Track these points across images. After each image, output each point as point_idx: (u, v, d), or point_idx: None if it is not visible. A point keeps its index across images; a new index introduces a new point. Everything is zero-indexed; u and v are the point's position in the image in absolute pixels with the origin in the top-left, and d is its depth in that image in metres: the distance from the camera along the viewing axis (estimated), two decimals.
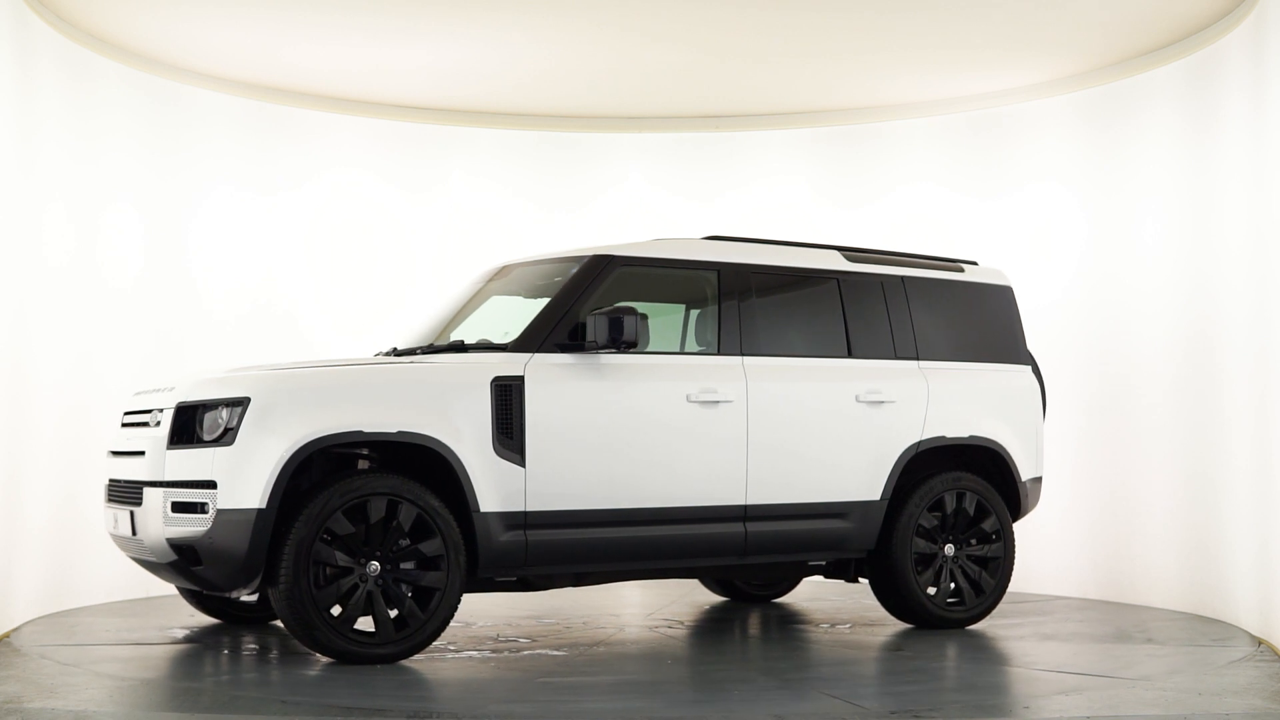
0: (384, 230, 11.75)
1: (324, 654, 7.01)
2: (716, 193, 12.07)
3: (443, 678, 6.89)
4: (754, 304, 8.13)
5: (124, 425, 7.60)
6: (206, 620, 8.73)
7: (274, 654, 7.46)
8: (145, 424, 7.32)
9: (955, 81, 10.92)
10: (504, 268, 8.51)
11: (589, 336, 7.43)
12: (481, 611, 9.19)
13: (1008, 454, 8.81)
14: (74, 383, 9.52)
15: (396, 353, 8.05)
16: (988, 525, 8.67)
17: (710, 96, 11.42)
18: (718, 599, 10.10)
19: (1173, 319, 9.84)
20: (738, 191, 12.05)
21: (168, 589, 9.91)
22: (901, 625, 8.68)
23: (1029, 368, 9.11)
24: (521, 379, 7.32)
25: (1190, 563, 9.64)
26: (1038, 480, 9.07)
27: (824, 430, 8.16)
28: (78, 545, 9.49)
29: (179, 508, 6.94)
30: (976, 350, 8.90)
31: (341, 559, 6.94)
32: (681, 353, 8.15)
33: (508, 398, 7.27)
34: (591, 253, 7.93)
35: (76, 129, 9.60)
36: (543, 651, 7.67)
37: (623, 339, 7.38)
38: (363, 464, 7.38)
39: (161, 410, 7.20)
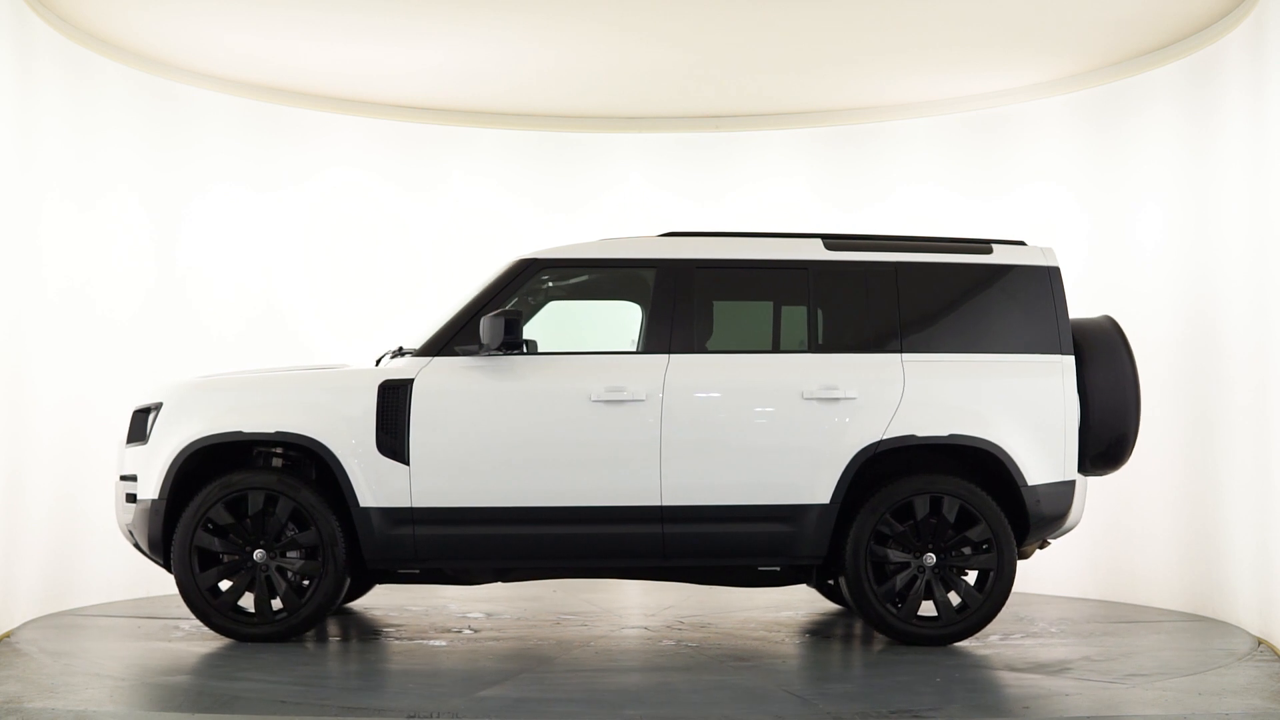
0: (385, 232, 11.75)
1: (210, 628, 7.81)
2: (717, 193, 12.07)
3: (443, 677, 6.90)
4: (696, 300, 7.98)
5: None
6: None
7: (274, 654, 7.47)
8: None
9: (955, 81, 10.92)
10: None
11: (481, 340, 7.73)
12: (497, 602, 9.19)
13: (1007, 455, 7.87)
14: (74, 380, 9.52)
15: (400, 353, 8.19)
16: (974, 534, 7.86)
17: (710, 97, 11.42)
18: (829, 606, 9.70)
19: (1173, 318, 9.84)
20: (738, 192, 12.04)
21: (168, 588, 9.92)
22: None
23: (1066, 358, 8.05)
24: (410, 382, 7.76)
25: (1190, 563, 9.64)
26: (1063, 485, 7.98)
27: (757, 429, 7.81)
28: (78, 545, 9.49)
29: (128, 498, 7.98)
30: (991, 340, 8.06)
31: (221, 546, 7.74)
32: (595, 353, 8.05)
33: (393, 400, 7.74)
34: (516, 257, 8.14)
35: (76, 126, 9.60)
36: (526, 645, 7.69)
37: (503, 341, 7.65)
38: (277, 461, 8.04)
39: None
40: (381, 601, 9.68)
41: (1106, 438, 8.14)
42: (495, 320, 7.65)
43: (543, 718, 5.99)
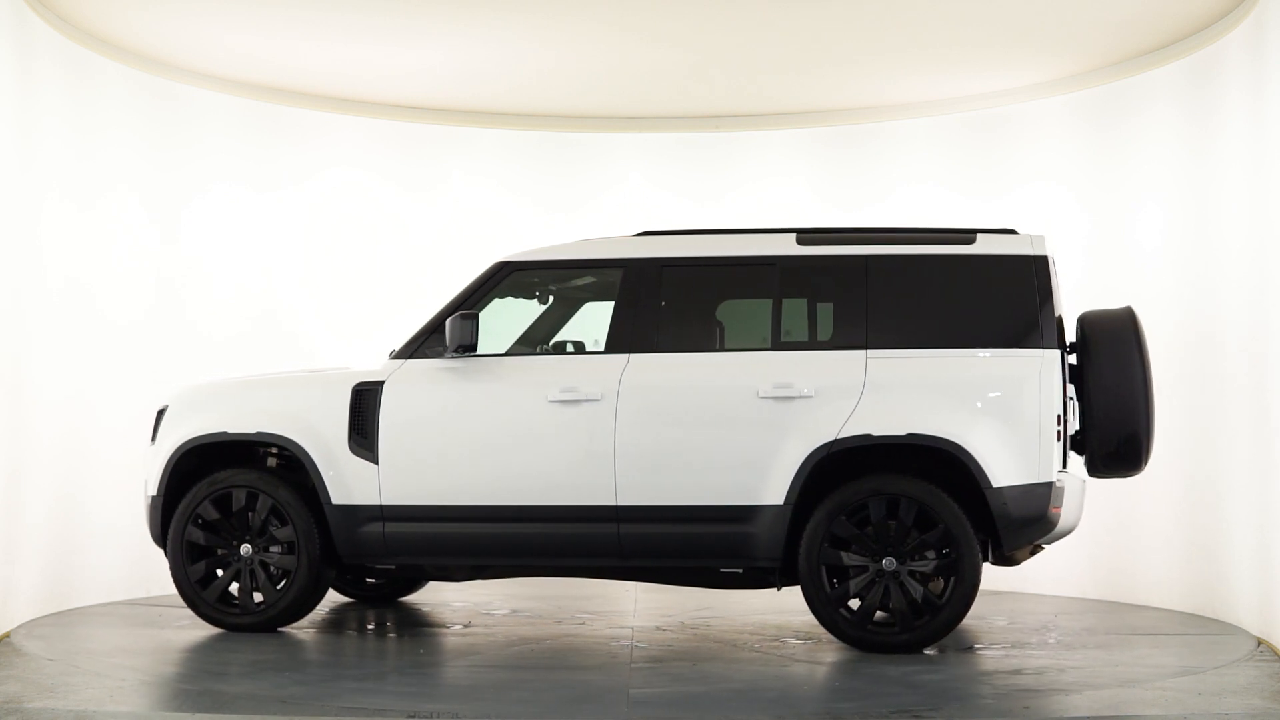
0: (385, 232, 11.75)
1: (199, 617, 8.23)
2: (717, 193, 12.06)
3: (443, 676, 6.91)
4: (662, 300, 7.92)
5: None
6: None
7: (273, 654, 7.48)
8: None
9: (955, 81, 10.92)
10: None
11: (446, 342, 7.91)
12: (507, 597, 9.19)
13: (969, 455, 7.42)
14: (74, 380, 9.51)
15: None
16: (932, 537, 7.49)
17: (710, 97, 11.42)
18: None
19: (1173, 319, 9.84)
20: (738, 192, 12.04)
21: (168, 587, 9.92)
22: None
23: (1049, 352, 7.55)
24: (381, 384, 8.00)
25: (1190, 563, 9.64)
26: (1038, 487, 7.45)
27: (710, 429, 7.66)
28: (78, 545, 9.49)
29: (147, 494, 8.39)
30: (966, 334, 7.64)
31: (209, 540, 8.13)
32: (560, 353, 8.21)
33: (365, 402, 7.99)
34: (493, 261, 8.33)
35: (76, 126, 9.60)
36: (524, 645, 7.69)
37: (459, 343, 7.81)
38: (272, 461, 8.42)
39: None
40: (430, 598, 9.84)
41: (1115, 437, 7.73)
42: (454, 322, 7.81)
43: (375, 715, 5.99)
